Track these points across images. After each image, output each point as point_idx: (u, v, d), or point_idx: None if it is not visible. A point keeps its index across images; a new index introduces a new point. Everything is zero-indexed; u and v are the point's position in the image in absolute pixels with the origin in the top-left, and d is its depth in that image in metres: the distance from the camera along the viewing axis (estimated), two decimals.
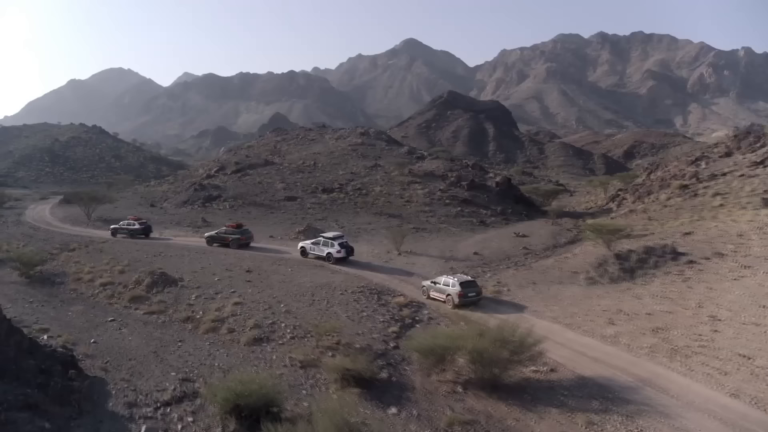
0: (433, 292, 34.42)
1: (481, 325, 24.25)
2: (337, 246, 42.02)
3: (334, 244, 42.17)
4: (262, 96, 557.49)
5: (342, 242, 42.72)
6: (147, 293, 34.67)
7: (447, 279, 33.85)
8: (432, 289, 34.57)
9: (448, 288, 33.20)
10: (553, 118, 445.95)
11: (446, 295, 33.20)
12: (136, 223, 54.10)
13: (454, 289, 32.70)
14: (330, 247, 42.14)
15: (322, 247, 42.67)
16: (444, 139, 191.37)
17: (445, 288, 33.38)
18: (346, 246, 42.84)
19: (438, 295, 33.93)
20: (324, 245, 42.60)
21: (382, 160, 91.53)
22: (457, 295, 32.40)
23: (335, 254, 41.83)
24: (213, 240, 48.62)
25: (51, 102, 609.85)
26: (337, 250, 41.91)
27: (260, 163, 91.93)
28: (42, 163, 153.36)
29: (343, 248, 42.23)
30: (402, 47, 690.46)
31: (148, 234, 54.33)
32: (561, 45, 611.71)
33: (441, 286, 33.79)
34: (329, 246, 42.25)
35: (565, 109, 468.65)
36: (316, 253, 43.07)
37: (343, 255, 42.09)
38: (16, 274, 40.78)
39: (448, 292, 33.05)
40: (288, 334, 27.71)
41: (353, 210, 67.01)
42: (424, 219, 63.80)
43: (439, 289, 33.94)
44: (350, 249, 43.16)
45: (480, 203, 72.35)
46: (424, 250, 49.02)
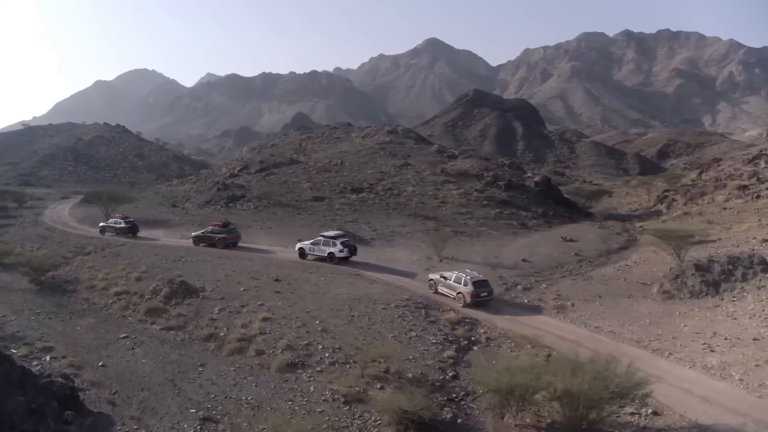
0: (442, 288, 32.82)
1: (568, 356, 19.75)
2: (339, 245, 39.84)
3: (336, 243, 39.97)
4: (285, 96, 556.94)
5: (344, 241, 40.66)
6: (165, 305, 30.93)
7: (459, 276, 31.99)
8: (441, 284, 32.94)
9: (459, 286, 31.50)
10: (577, 118, 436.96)
11: (457, 293, 31.57)
12: (122, 222, 53.32)
13: (467, 288, 31.04)
14: (332, 247, 39.90)
15: (322, 247, 40.41)
16: (471, 138, 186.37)
17: (456, 285, 31.68)
18: (349, 245, 40.70)
19: (447, 291, 32.36)
20: (325, 245, 40.34)
21: (411, 159, 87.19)
22: (470, 295, 30.81)
23: (337, 254, 39.61)
24: (200, 240, 46.86)
25: (78, 103, 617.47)
26: (340, 249, 39.70)
27: (285, 162, 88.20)
28: (65, 162, 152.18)
29: (345, 247, 40.09)
30: (424, 47, 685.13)
31: (135, 232, 53.21)
32: (585, 43, 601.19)
33: (451, 283, 32.08)
34: (330, 245, 40.00)
35: (589, 109, 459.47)
36: (316, 254, 40.87)
37: (345, 254, 39.95)
38: (26, 280, 37.67)
39: (460, 290, 31.37)
40: (327, 358, 23.65)
41: (385, 211, 62.80)
42: (462, 221, 59.36)
43: (449, 286, 32.29)
44: (353, 248, 41.03)
45: (519, 204, 67.74)
46: (466, 256, 44.65)
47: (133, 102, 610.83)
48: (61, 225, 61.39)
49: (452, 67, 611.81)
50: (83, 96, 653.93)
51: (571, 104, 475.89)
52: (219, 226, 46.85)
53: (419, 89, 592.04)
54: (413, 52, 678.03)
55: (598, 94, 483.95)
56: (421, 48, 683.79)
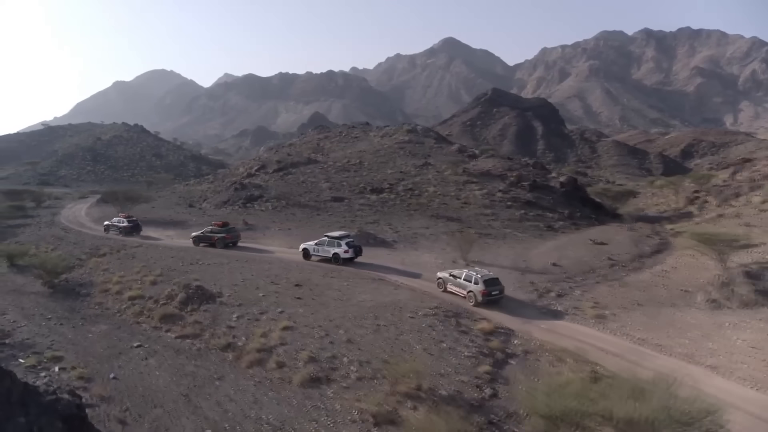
0: (451, 286, 32.28)
1: (624, 376, 17.75)
2: (345, 246, 39.11)
3: (341, 243, 39.22)
4: (302, 96, 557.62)
5: (349, 242, 39.82)
6: (180, 311, 29.44)
7: (470, 274, 31.39)
8: (450, 282, 32.38)
9: (470, 284, 30.94)
10: (596, 117, 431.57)
11: (467, 291, 31.02)
12: (125, 221, 53.98)
13: (477, 286, 30.49)
14: (337, 248, 39.19)
15: (327, 248, 39.68)
16: (490, 138, 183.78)
17: (467, 284, 31.12)
18: (354, 246, 39.85)
19: (457, 290, 31.80)
20: (329, 245, 39.59)
21: (432, 159, 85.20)
22: (481, 293, 30.29)
23: (342, 255, 38.96)
24: (199, 240, 46.59)
25: (97, 103, 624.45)
26: (345, 250, 38.98)
27: (303, 162, 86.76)
28: (84, 161, 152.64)
29: (351, 248, 39.28)
30: (440, 46, 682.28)
31: (138, 231, 53.58)
32: (604, 42, 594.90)
33: (462, 281, 31.50)
34: (335, 246, 39.28)
35: (608, 108, 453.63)
36: (320, 255, 40.19)
37: (351, 255, 39.19)
38: (39, 283, 36.57)
39: (470, 288, 30.82)
40: (353, 372, 21.88)
41: (406, 212, 60.94)
42: (486, 223, 57.30)
43: (459, 284, 31.68)
44: (358, 249, 40.16)
45: (545, 206, 65.49)
46: (493, 259, 42.65)
47: (152, 102, 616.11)
48: (77, 225, 60.53)
49: (469, 67, 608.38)
50: (103, 96, 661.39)
51: (590, 104, 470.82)
52: (218, 226, 46.53)
53: (436, 89, 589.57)
54: (430, 52, 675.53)
55: (616, 94, 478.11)
56: (438, 47, 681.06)
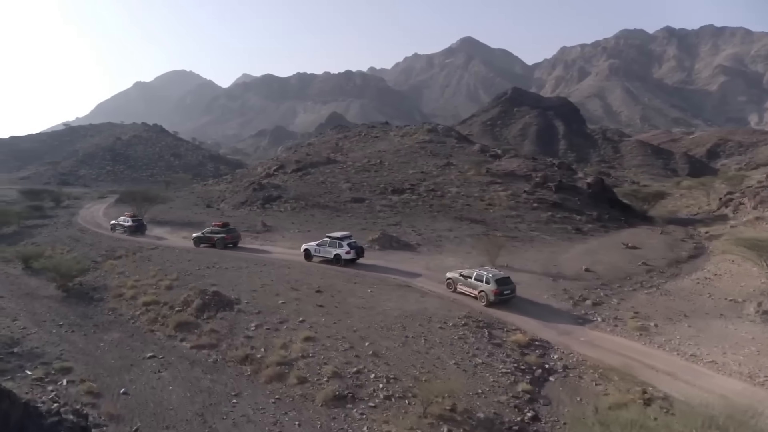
0: (461, 287, 31.66)
1: (691, 406, 15.77)
2: (346, 246, 38.71)
3: (342, 244, 38.83)
4: (319, 96, 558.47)
5: (351, 242, 39.39)
6: (196, 318, 27.97)
7: (480, 273, 30.86)
8: (460, 282, 31.77)
9: (481, 284, 30.37)
10: (616, 117, 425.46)
11: (479, 291, 30.43)
12: (130, 220, 55.26)
13: (489, 286, 29.91)
14: (338, 248, 38.81)
15: (329, 249, 39.29)
16: (511, 137, 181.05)
17: (478, 284, 30.54)
18: (356, 246, 39.41)
19: (468, 290, 31.18)
20: (331, 246, 39.22)
21: (454, 159, 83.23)
22: (493, 293, 29.70)
23: (344, 255, 38.54)
24: (200, 240, 46.59)
25: (118, 103, 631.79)
26: (346, 251, 38.56)
27: (322, 162, 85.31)
28: (103, 161, 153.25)
29: (352, 249, 38.85)
30: (459, 46, 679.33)
31: (142, 231, 54.58)
32: (624, 41, 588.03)
33: (473, 281, 30.92)
34: (337, 247, 38.92)
35: (628, 108, 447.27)
36: (322, 256, 39.75)
37: (352, 256, 38.76)
38: (53, 287, 35.47)
39: (482, 288, 30.25)
40: (381, 390, 20.14)
41: (429, 214, 59.07)
42: (512, 225, 55.23)
43: (470, 284, 31.07)
44: (360, 249, 39.74)
45: (572, 207, 63.18)
46: (522, 264, 40.63)
47: (172, 103, 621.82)
48: (94, 226, 59.69)
49: (487, 66, 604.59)
50: (124, 97, 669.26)
51: (609, 103, 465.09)
52: (218, 227, 46.61)
53: (454, 89, 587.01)
54: (448, 51, 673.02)
55: (637, 93, 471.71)
56: (456, 47, 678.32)
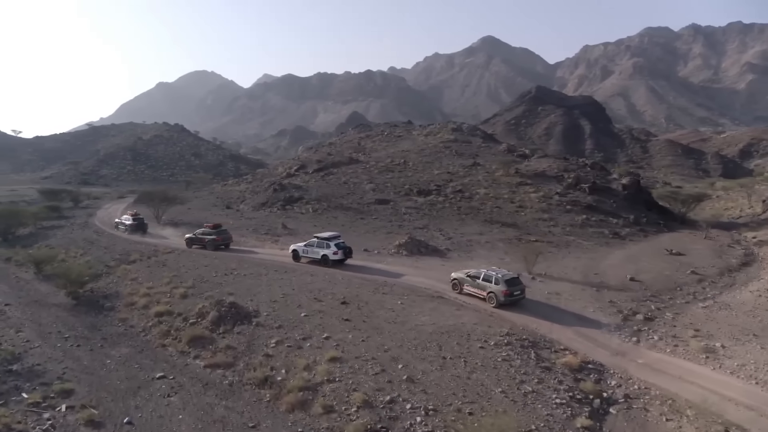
0: (468, 287, 30.67)
1: None
2: (334, 247, 37.94)
3: (330, 245, 38.09)
4: (340, 96, 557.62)
5: (338, 243, 38.56)
6: (211, 332, 25.59)
7: (489, 274, 29.82)
8: (467, 283, 30.77)
9: (490, 285, 29.36)
10: (639, 116, 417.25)
11: (488, 292, 29.44)
12: (130, 219, 55.78)
13: (498, 286, 28.95)
14: (326, 249, 38.04)
15: (316, 249, 38.54)
16: (535, 137, 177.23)
17: (487, 284, 29.52)
18: (344, 247, 38.55)
19: (476, 291, 30.20)
20: (319, 247, 38.48)
21: (480, 158, 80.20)
22: (503, 294, 28.75)
23: (331, 256, 37.78)
24: (192, 242, 46.22)
25: (141, 104, 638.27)
26: (334, 251, 37.81)
27: (344, 162, 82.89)
28: (124, 161, 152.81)
29: (340, 249, 38.06)
30: (479, 45, 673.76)
31: (144, 230, 54.96)
32: (648, 39, 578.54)
33: (481, 282, 29.91)
34: (324, 247, 38.16)
35: (653, 107, 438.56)
36: (310, 256, 38.95)
37: (340, 257, 38.01)
38: (63, 293, 33.47)
39: (491, 289, 29.25)
40: (419, 425, 17.44)
41: (457, 216, 56.20)
42: (545, 229, 52.17)
43: (478, 285, 30.06)
44: (348, 250, 38.84)
45: (607, 210, 59.93)
46: (560, 272, 37.61)
47: (193, 103, 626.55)
48: (110, 227, 57.86)
49: (508, 66, 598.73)
50: (147, 97, 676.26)
51: (633, 102, 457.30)
52: (210, 228, 46.29)
53: (474, 88, 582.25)
54: (468, 51, 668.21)
55: (662, 92, 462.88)
56: (477, 46, 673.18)
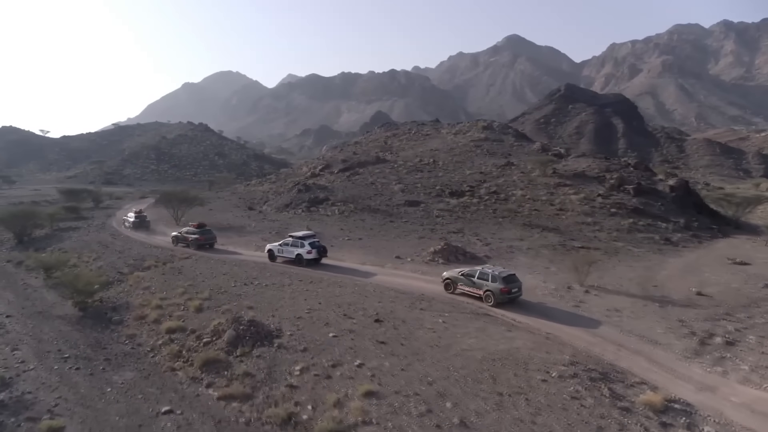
0: (463, 287, 29.71)
1: None
2: (308, 246, 37.53)
3: (304, 244, 37.67)
4: (364, 95, 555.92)
5: (313, 242, 38.11)
6: (227, 355, 22.38)
7: (485, 271, 28.94)
8: (462, 282, 29.79)
9: (486, 283, 28.51)
10: (669, 115, 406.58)
11: (484, 291, 28.54)
12: (133, 216, 57.62)
13: (496, 284, 28.12)
14: (300, 248, 37.62)
15: (291, 248, 38.07)
16: (566, 136, 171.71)
17: (483, 282, 28.67)
18: (318, 246, 38.16)
19: (472, 290, 29.22)
20: (293, 246, 38.02)
21: (514, 158, 76.12)
22: (500, 291, 27.89)
23: (306, 255, 37.35)
24: (177, 240, 46.79)
25: (167, 104, 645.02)
26: (308, 250, 37.39)
27: (371, 161, 79.55)
28: (148, 160, 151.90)
29: (314, 248, 37.68)
30: (504, 44, 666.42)
31: (147, 227, 56.37)
32: (678, 36, 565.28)
33: (476, 280, 29.02)
34: (299, 246, 37.72)
35: (683, 105, 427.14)
36: (285, 256, 38.55)
37: (314, 256, 37.59)
38: (70, 303, 30.72)
39: (488, 287, 28.36)
40: None
41: (493, 220, 52.38)
42: (590, 234, 48.05)
43: (474, 284, 29.11)
44: (323, 249, 38.44)
45: (655, 213, 55.48)
46: (615, 283, 33.61)
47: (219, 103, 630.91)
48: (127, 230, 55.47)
49: (534, 64, 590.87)
50: (173, 98, 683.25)
51: (662, 101, 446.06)
52: (194, 227, 46.38)
53: (499, 87, 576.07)
54: (493, 50, 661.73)
55: (692, 90, 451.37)
56: (502, 45, 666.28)
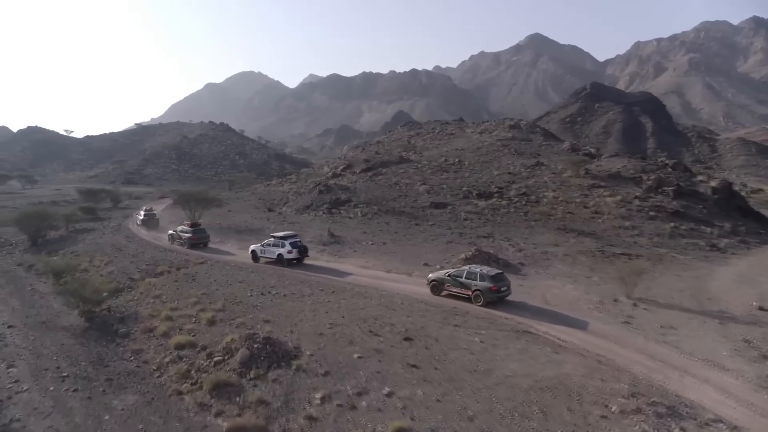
0: (451, 288, 28.78)
1: None
2: (288, 246, 37.37)
3: (284, 244, 37.56)
4: (385, 95, 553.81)
5: (294, 242, 37.92)
6: (240, 377, 19.99)
7: (472, 271, 28.23)
8: (449, 283, 28.87)
9: (474, 282, 27.75)
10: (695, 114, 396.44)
11: (473, 291, 27.76)
12: (143, 214, 59.01)
13: (485, 283, 27.39)
14: (281, 248, 37.50)
15: (272, 249, 37.97)
16: (592, 135, 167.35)
17: (471, 282, 27.88)
18: (299, 246, 37.94)
19: (460, 291, 28.37)
20: (275, 246, 37.92)
21: (543, 158, 72.91)
22: (490, 290, 27.19)
23: (286, 255, 37.22)
24: (173, 238, 47.11)
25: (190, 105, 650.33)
26: (288, 250, 37.26)
27: (394, 161, 76.97)
28: (169, 160, 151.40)
29: (294, 248, 37.49)
30: (527, 43, 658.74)
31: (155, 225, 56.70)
32: (705, 33, 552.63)
33: (465, 280, 28.15)
34: (280, 246, 37.62)
35: (710, 104, 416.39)
36: (267, 256, 38.41)
37: (295, 256, 37.43)
38: (76, 312, 28.73)
39: (476, 287, 27.62)
40: None
41: (525, 223, 49.39)
42: (629, 239, 44.82)
43: (462, 284, 28.25)
44: (303, 249, 38.20)
45: (697, 217, 52.02)
46: (665, 295, 30.48)
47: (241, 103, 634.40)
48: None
49: (556, 63, 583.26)
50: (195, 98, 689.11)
51: (689, 100, 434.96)
52: (188, 226, 46.67)
53: (521, 87, 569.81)
54: (515, 49, 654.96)
55: (719, 89, 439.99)
56: (524, 44, 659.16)
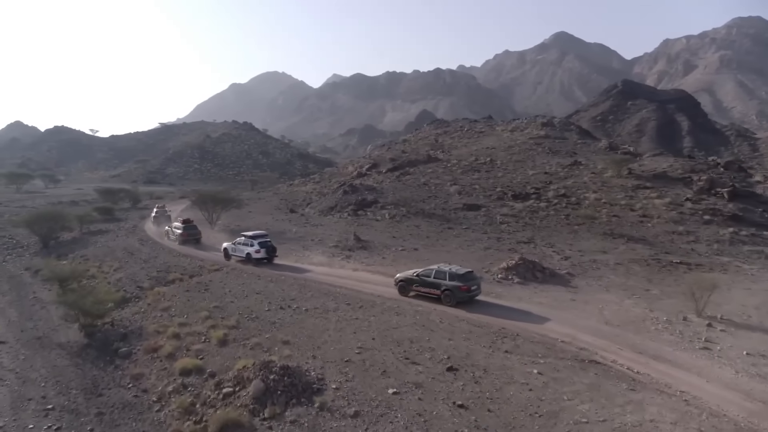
0: (419, 288, 27.70)
1: None
2: (257, 245, 37.60)
3: (253, 243, 37.80)
4: (408, 94, 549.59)
5: (262, 241, 38.10)
6: (252, 415, 16.68)
7: (441, 269, 27.19)
8: (416, 284, 27.84)
9: (444, 282, 26.62)
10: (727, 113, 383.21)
11: (442, 290, 26.63)
12: (155, 211, 59.91)
13: (454, 283, 26.18)
14: (249, 247, 37.83)
15: (242, 247, 38.37)
16: (625, 134, 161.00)
17: (440, 282, 26.76)
18: (267, 245, 38.09)
19: (428, 291, 27.30)
20: (244, 245, 38.33)
21: (580, 157, 68.59)
22: (460, 290, 25.92)
23: (254, 254, 37.57)
24: (168, 234, 47.77)
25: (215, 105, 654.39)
26: (256, 249, 37.56)
27: (421, 160, 73.43)
28: (191, 159, 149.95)
29: (263, 248, 37.73)
30: (552, 41, 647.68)
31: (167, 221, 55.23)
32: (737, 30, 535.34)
33: (434, 280, 27.08)
34: (249, 245, 37.93)
35: (742, 103, 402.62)
36: (237, 255, 38.75)
37: (262, 255, 37.62)
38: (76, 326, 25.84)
39: (446, 286, 26.48)
40: None
41: (567, 227, 45.39)
42: (685, 246, 40.53)
43: (430, 284, 27.14)
44: (272, 249, 38.33)
45: (756, 221, 47.43)
46: (739, 312, 26.40)
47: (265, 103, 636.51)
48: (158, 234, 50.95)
49: (582, 62, 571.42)
50: (220, 98, 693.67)
51: (720, 98, 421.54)
52: (180, 223, 47.08)
53: (547, 86, 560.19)
54: (540, 47, 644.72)
55: (752, 87, 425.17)
56: (549, 42, 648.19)
